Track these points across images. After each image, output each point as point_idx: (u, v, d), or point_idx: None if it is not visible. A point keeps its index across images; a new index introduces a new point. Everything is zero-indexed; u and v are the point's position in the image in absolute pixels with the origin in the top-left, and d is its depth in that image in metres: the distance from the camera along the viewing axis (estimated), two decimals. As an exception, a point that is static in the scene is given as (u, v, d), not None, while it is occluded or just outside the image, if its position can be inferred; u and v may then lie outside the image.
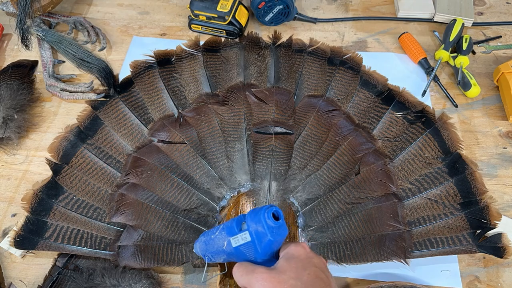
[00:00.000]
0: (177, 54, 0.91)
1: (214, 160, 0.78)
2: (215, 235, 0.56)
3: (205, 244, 0.58)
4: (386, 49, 0.98)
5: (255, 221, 0.51)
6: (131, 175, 0.76)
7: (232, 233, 0.54)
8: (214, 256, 0.58)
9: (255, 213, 0.52)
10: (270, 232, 0.51)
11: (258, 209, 0.52)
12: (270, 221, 0.51)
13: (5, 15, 1.04)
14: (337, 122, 0.81)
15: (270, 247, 0.52)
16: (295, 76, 0.87)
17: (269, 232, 0.51)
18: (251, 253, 0.53)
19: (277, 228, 0.51)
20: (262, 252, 0.52)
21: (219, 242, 0.55)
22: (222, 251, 0.55)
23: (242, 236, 0.52)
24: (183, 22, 1.03)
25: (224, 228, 0.55)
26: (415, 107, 0.82)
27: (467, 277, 0.70)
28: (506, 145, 0.83)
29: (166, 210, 0.73)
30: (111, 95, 0.86)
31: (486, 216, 0.71)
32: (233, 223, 0.54)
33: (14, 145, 0.84)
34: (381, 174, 0.75)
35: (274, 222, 0.51)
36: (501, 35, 0.99)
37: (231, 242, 0.54)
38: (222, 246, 0.55)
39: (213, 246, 0.57)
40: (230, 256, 0.55)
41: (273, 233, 0.51)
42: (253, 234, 0.51)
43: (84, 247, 0.70)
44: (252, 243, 0.52)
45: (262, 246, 0.51)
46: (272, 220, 0.51)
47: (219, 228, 0.56)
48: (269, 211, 0.52)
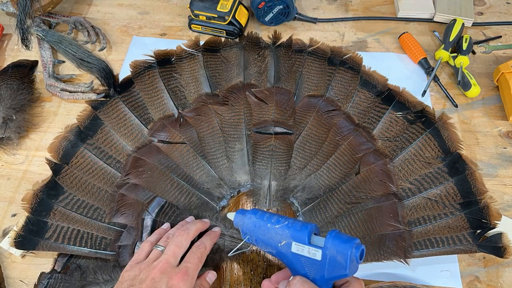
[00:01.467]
0: (177, 54, 0.91)
1: (214, 160, 0.78)
2: (274, 227, 0.53)
3: (254, 226, 0.56)
4: (386, 49, 0.98)
5: (337, 248, 0.48)
6: (131, 175, 0.76)
7: (299, 239, 0.51)
8: (259, 242, 0.55)
9: (340, 240, 0.49)
10: (350, 267, 0.48)
11: (346, 238, 0.49)
12: (355, 259, 0.48)
13: (5, 15, 1.04)
14: (337, 122, 0.81)
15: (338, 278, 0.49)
16: (295, 76, 0.87)
17: (349, 268, 0.48)
18: (310, 270, 0.50)
19: (357, 265, 0.48)
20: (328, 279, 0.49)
21: (275, 235, 0.53)
22: (275, 246, 0.53)
23: (311, 250, 0.50)
24: (183, 22, 1.03)
25: (289, 227, 0.52)
26: (415, 107, 0.83)
27: (467, 277, 0.70)
28: (506, 145, 0.83)
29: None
30: (111, 95, 0.86)
31: (486, 216, 0.71)
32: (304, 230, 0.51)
33: (14, 145, 0.84)
34: (381, 174, 0.75)
35: (357, 261, 0.48)
36: (501, 35, 0.99)
37: (292, 246, 0.51)
38: (277, 242, 0.53)
39: (265, 235, 0.54)
40: (280, 256, 0.53)
41: (351, 270, 0.48)
42: (327, 258, 0.49)
43: (84, 247, 0.70)
44: (321, 264, 0.49)
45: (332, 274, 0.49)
46: (357, 258, 0.48)
47: (281, 222, 0.53)
48: (358, 247, 0.48)
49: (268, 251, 0.55)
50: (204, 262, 0.66)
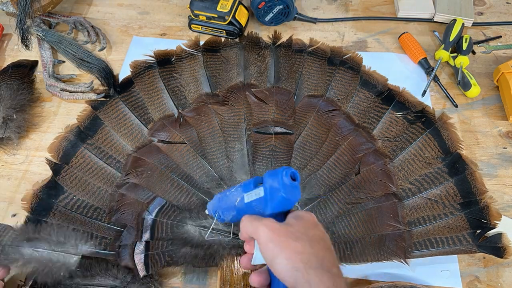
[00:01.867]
0: (177, 54, 0.91)
1: (214, 160, 0.78)
2: (231, 192, 0.58)
3: (218, 201, 0.60)
4: (386, 49, 0.98)
5: (272, 178, 0.52)
6: (131, 175, 0.76)
7: (248, 189, 0.55)
8: (224, 213, 0.59)
9: (274, 171, 0.53)
10: (283, 189, 0.51)
11: (278, 169, 0.53)
12: (286, 179, 0.51)
13: (5, 15, 1.04)
14: (337, 122, 0.81)
15: (281, 204, 0.52)
16: (295, 76, 0.87)
17: (283, 188, 0.51)
18: (260, 209, 0.53)
19: (291, 187, 0.52)
20: (272, 207, 0.52)
21: (232, 198, 0.57)
22: (233, 207, 0.56)
23: (256, 191, 0.54)
24: (183, 22, 1.03)
25: (241, 185, 0.57)
26: (415, 107, 0.83)
27: (467, 277, 0.70)
28: (506, 145, 0.83)
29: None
30: (111, 95, 0.86)
31: (486, 216, 0.71)
32: (251, 181, 0.56)
33: (14, 145, 0.84)
34: (381, 174, 0.75)
35: (290, 181, 0.52)
36: (501, 35, 0.99)
37: (244, 197, 0.55)
38: (234, 202, 0.56)
39: (226, 202, 0.58)
40: (239, 213, 0.56)
41: (286, 191, 0.51)
42: (267, 189, 0.52)
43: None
44: (264, 198, 0.52)
45: (274, 201, 0.52)
46: (288, 179, 0.52)
47: (236, 186, 0.58)
48: (287, 170, 0.52)
49: (232, 217, 0.58)
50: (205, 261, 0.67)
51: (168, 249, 0.69)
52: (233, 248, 0.68)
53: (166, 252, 0.69)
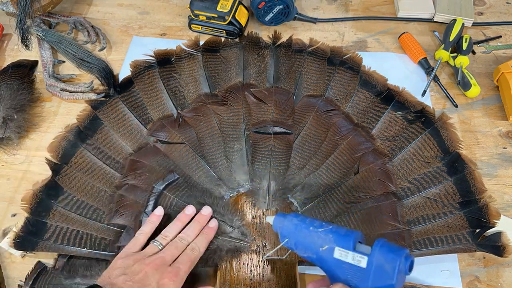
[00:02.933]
0: (176, 54, 0.91)
1: (213, 160, 0.78)
2: (316, 231, 0.52)
3: (295, 229, 0.54)
4: (386, 49, 0.98)
5: (385, 257, 0.47)
6: (130, 177, 0.76)
7: (343, 244, 0.50)
8: (298, 246, 0.54)
9: (389, 249, 0.48)
10: (397, 277, 0.46)
11: (395, 247, 0.48)
12: (403, 267, 0.47)
13: (5, 15, 1.04)
14: (336, 121, 0.81)
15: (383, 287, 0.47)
16: (295, 76, 0.87)
17: (396, 277, 0.46)
18: (353, 278, 0.48)
19: (404, 277, 0.47)
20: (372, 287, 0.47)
21: (317, 240, 0.51)
22: (315, 251, 0.51)
23: (356, 256, 0.48)
24: (183, 22, 1.03)
25: (333, 232, 0.51)
26: (414, 107, 0.82)
27: (467, 277, 0.70)
28: (506, 145, 0.83)
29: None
30: (111, 95, 0.86)
31: (485, 215, 0.71)
32: (349, 236, 0.50)
33: (14, 145, 0.84)
34: (380, 174, 0.75)
35: (406, 272, 0.47)
36: (501, 35, 0.99)
37: (335, 251, 0.50)
38: (319, 246, 0.51)
39: (306, 238, 0.53)
40: (319, 260, 0.52)
41: (398, 280, 0.47)
42: (373, 266, 0.47)
43: (83, 248, 0.70)
44: (366, 272, 0.47)
45: (377, 285, 0.47)
46: (406, 268, 0.47)
47: (324, 226, 0.52)
48: (408, 258, 0.47)
49: (307, 256, 0.53)
50: (204, 261, 0.67)
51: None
52: (230, 250, 0.68)
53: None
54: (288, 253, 0.66)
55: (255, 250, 0.69)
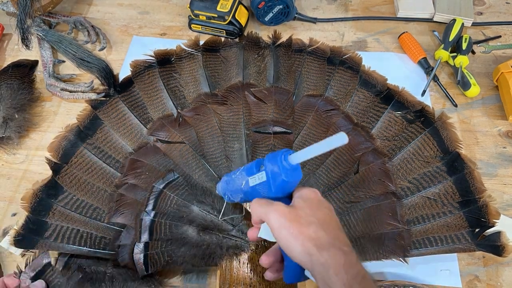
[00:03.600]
0: (176, 54, 0.91)
1: (213, 159, 0.78)
2: (236, 175, 0.60)
3: (226, 184, 0.63)
4: (385, 49, 0.98)
5: (272, 162, 0.53)
6: (130, 176, 0.76)
7: (251, 173, 0.57)
8: (233, 195, 0.62)
9: (273, 155, 0.54)
10: (284, 172, 0.52)
11: (276, 152, 0.54)
12: (285, 163, 0.52)
13: (5, 15, 1.04)
14: (336, 121, 0.81)
15: (283, 187, 0.53)
16: (295, 75, 0.87)
17: (284, 172, 0.52)
18: (265, 193, 0.55)
19: (291, 170, 0.53)
20: (276, 191, 0.54)
21: (238, 181, 0.59)
22: (240, 190, 0.59)
23: (259, 176, 0.55)
24: (183, 22, 1.03)
25: (244, 169, 0.59)
26: (414, 106, 0.83)
27: (467, 276, 0.70)
28: (506, 145, 0.83)
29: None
30: (111, 95, 0.86)
31: (485, 215, 0.71)
32: (253, 164, 0.57)
33: (14, 144, 0.84)
34: (380, 173, 0.75)
35: (289, 165, 0.52)
36: (501, 35, 0.99)
37: (249, 181, 0.57)
38: (240, 185, 0.59)
39: (233, 186, 0.61)
40: (246, 195, 0.59)
41: (287, 174, 0.52)
42: (269, 174, 0.53)
43: (83, 246, 0.70)
44: (267, 182, 0.54)
45: (276, 185, 0.53)
46: (287, 162, 0.52)
47: (240, 169, 0.60)
48: (286, 154, 0.53)
49: (240, 199, 0.61)
50: (204, 260, 0.67)
51: (167, 249, 0.69)
52: (230, 248, 0.68)
53: (165, 252, 0.69)
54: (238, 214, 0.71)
55: (255, 249, 0.69)
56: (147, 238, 0.69)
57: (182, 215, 0.71)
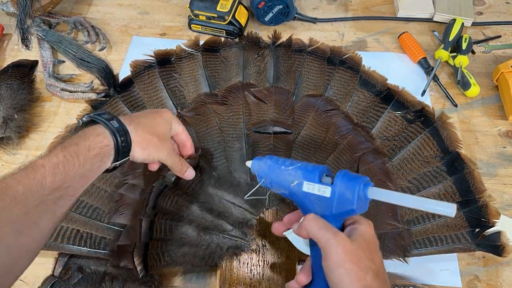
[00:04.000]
0: (176, 54, 0.91)
1: (213, 159, 0.78)
2: (287, 169, 0.56)
3: (269, 169, 0.58)
4: (385, 48, 0.98)
5: (345, 185, 0.50)
6: (130, 176, 0.76)
7: (309, 178, 0.53)
8: (273, 184, 0.57)
9: (349, 178, 0.50)
10: (358, 203, 0.49)
11: (354, 175, 0.51)
12: (362, 193, 0.49)
13: (5, 15, 1.04)
14: (336, 121, 0.81)
15: (346, 214, 0.51)
16: (294, 75, 0.87)
17: (357, 203, 0.49)
18: (320, 208, 0.52)
19: (364, 202, 0.50)
20: (336, 215, 0.51)
21: (288, 177, 0.55)
22: (286, 187, 0.55)
23: (321, 188, 0.52)
24: (183, 22, 1.03)
25: (302, 168, 0.54)
26: (414, 106, 0.83)
27: (467, 276, 0.70)
28: (506, 145, 0.83)
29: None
30: (111, 95, 0.86)
31: (485, 215, 0.71)
32: (315, 170, 0.53)
33: (14, 144, 0.84)
34: (380, 173, 0.75)
35: (365, 196, 0.50)
36: (501, 35, 0.99)
37: (304, 185, 0.53)
38: (290, 182, 0.55)
39: (278, 176, 0.56)
40: (292, 195, 0.55)
41: (359, 206, 0.50)
42: (336, 195, 0.50)
43: (84, 247, 0.70)
44: (329, 201, 0.51)
45: (340, 210, 0.50)
46: (365, 195, 0.50)
47: (294, 164, 0.56)
48: (367, 184, 0.50)
49: (282, 192, 0.57)
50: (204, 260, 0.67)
51: (167, 249, 0.69)
52: (230, 248, 0.68)
53: (165, 252, 0.69)
54: (268, 193, 0.69)
55: (255, 250, 0.69)
56: (147, 238, 0.69)
57: (182, 215, 0.71)
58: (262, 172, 0.59)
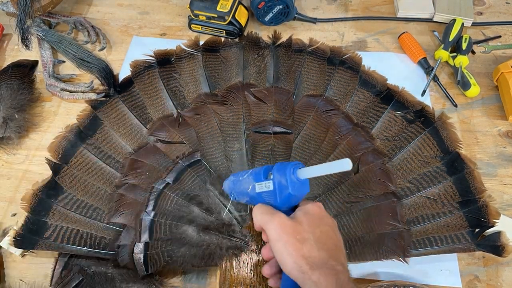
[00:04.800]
0: (176, 54, 0.91)
1: (213, 159, 0.78)
2: (243, 178, 0.60)
3: (233, 184, 0.63)
4: (385, 49, 0.98)
5: (280, 173, 0.54)
6: (130, 176, 0.76)
7: (258, 179, 0.57)
8: (238, 196, 0.62)
9: (282, 166, 0.55)
10: (291, 186, 0.53)
11: (286, 163, 0.55)
12: (293, 177, 0.53)
13: (5, 15, 1.04)
14: (336, 121, 0.81)
15: (289, 200, 0.54)
16: (294, 75, 0.87)
17: (291, 186, 0.53)
18: (271, 201, 0.56)
19: (299, 184, 0.54)
20: (281, 202, 0.54)
21: (245, 184, 0.59)
22: (246, 193, 0.60)
23: (266, 184, 0.56)
24: (183, 22, 1.03)
25: (252, 173, 0.59)
26: (414, 106, 0.83)
27: (467, 276, 0.70)
28: (506, 145, 0.83)
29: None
30: (111, 95, 0.86)
31: (485, 215, 0.71)
32: (261, 170, 0.58)
33: (15, 144, 0.84)
34: (380, 173, 0.75)
35: (297, 179, 0.53)
36: (501, 35, 0.99)
37: (255, 187, 0.57)
38: (247, 189, 0.59)
39: (239, 187, 0.61)
40: (252, 200, 0.60)
41: (294, 188, 0.53)
42: (276, 185, 0.54)
43: (83, 247, 0.70)
44: (273, 192, 0.55)
45: (282, 197, 0.54)
46: (296, 176, 0.53)
47: (248, 172, 0.60)
48: (295, 167, 0.54)
49: (245, 201, 0.62)
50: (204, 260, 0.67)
51: (167, 249, 0.69)
52: (230, 248, 0.68)
53: (165, 252, 0.69)
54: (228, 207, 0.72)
55: (255, 250, 0.69)
56: (147, 238, 0.69)
57: (182, 215, 0.71)
58: (229, 188, 0.64)
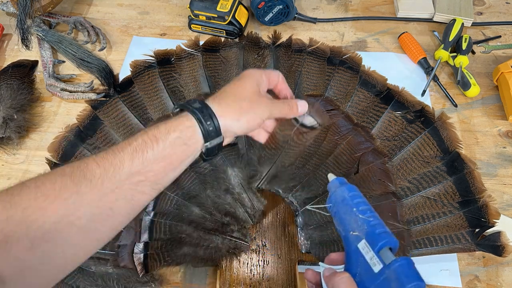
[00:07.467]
0: (176, 54, 0.91)
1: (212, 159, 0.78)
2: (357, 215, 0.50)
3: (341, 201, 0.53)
4: (385, 49, 0.98)
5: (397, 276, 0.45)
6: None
7: (370, 242, 0.48)
8: (336, 216, 0.53)
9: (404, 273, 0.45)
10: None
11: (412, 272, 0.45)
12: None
13: (5, 15, 1.04)
14: (336, 121, 0.81)
15: None
16: (294, 75, 0.87)
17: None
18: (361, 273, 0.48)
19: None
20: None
21: (353, 223, 0.50)
22: (346, 230, 0.51)
23: (374, 258, 0.47)
24: (183, 22, 1.03)
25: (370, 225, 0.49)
26: (414, 106, 0.83)
27: (467, 276, 0.70)
28: (506, 145, 0.83)
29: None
30: (111, 95, 0.86)
31: (485, 215, 0.71)
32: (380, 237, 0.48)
33: (14, 144, 0.84)
34: (380, 173, 0.75)
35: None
36: (501, 35, 0.99)
37: (361, 242, 0.49)
38: (351, 229, 0.50)
39: (345, 215, 0.52)
40: (345, 240, 0.51)
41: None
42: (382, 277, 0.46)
43: (83, 246, 0.70)
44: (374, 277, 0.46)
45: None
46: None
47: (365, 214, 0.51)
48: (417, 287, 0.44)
49: (338, 230, 0.53)
50: (204, 260, 0.67)
51: (167, 249, 0.69)
52: (230, 248, 0.68)
53: (165, 252, 0.69)
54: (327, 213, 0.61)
55: (255, 250, 0.69)
56: (147, 238, 0.69)
57: (182, 215, 0.71)
58: (334, 197, 0.54)
